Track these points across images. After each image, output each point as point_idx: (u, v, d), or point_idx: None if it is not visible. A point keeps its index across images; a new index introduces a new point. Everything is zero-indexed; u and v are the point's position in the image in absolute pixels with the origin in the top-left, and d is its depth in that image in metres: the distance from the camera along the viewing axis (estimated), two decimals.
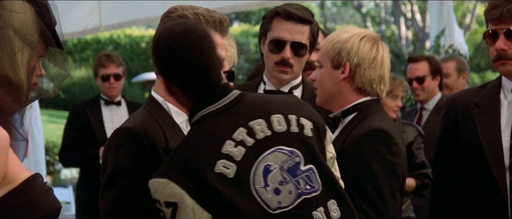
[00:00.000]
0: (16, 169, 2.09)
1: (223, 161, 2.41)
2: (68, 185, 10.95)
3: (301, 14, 3.66)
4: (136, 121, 2.68)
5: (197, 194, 2.38)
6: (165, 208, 2.42)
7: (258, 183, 2.42)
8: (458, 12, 21.34)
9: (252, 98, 2.56)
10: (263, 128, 2.47)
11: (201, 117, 2.51)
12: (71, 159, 6.41)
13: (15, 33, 2.12)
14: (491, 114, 3.32)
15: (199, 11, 2.72)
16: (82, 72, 21.99)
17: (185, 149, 2.46)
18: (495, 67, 3.36)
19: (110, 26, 7.08)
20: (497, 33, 3.30)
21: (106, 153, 2.64)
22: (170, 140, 2.65)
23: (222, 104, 2.51)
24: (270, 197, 2.42)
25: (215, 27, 2.73)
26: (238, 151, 2.42)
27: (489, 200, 3.26)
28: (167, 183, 2.40)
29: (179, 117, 2.75)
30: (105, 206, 2.61)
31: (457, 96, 3.52)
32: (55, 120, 18.56)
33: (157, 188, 2.42)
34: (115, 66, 6.34)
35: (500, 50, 3.28)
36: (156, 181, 2.43)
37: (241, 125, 2.46)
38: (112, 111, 6.37)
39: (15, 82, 2.12)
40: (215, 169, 2.40)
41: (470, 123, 3.33)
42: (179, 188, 2.39)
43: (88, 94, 17.22)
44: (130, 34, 23.46)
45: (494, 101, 3.34)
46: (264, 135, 2.46)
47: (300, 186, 2.46)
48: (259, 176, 2.43)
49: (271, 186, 2.43)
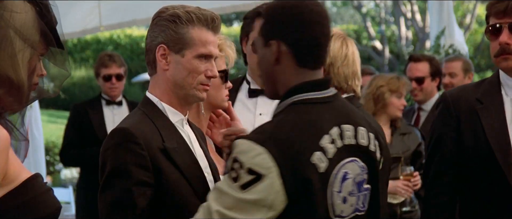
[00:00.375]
0: (17, 169, 2.09)
1: (319, 154, 2.37)
2: (68, 185, 10.94)
3: None
4: (132, 121, 2.69)
5: (288, 177, 2.32)
6: (245, 173, 2.32)
7: (335, 186, 2.41)
8: (458, 12, 21.32)
9: (343, 102, 2.56)
10: (351, 135, 2.46)
11: (303, 100, 2.45)
12: (72, 159, 6.41)
13: (16, 33, 2.12)
14: (496, 110, 3.27)
15: (190, 9, 2.74)
16: (82, 72, 21.99)
17: (287, 127, 2.39)
18: (497, 63, 3.30)
19: (110, 26, 7.08)
20: (501, 27, 3.26)
21: (103, 153, 2.64)
22: (166, 140, 2.66)
23: (325, 96, 2.47)
24: (338, 203, 2.42)
25: (207, 25, 2.75)
26: (331, 149, 2.40)
27: (498, 196, 3.21)
28: (262, 152, 2.32)
29: (175, 116, 2.76)
30: (104, 207, 2.61)
31: (456, 92, 3.46)
32: (55, 120, 18.56)
33: (246, 151, 2.34)
34: (117, 66, 6.36)
35: (504, 44, 3.23)
36: (250, 144, 2.34)
37: (336, 124, 2.44)
38: (113, 111, 6.37)
39: (16, 82, 2.12)
40: (311, 159, 2.36)
41: (474, 119, 3.28)
42: (273, 163, 2.31)
43: (88, 94, 17.22)
44: (130, 34, 23.46)
45: (496, 98, 3.30)
46: (349, 142, 2.46)
47: (359, 202, 2.49)
48: (338, 180, 2.41)
49: (342, 193, 2.43)
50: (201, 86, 2.75)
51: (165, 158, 2.63)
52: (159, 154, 2.62)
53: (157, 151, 2.62)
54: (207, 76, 2.75)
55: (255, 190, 2.31)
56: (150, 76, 2.80)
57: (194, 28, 2.73)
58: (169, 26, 2.72)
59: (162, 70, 2.74)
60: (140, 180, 2.58)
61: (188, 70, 2.72)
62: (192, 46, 2.72)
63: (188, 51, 2.72)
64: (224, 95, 3.17)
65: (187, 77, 2.73)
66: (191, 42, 2.72)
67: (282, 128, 2.38)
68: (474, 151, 3.26)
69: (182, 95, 2.75)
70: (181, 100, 2.77)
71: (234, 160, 2.34)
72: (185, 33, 2.72)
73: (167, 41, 2.72)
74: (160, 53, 2.73)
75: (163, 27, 2.73)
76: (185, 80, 2.73)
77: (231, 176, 2.34)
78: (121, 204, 2.57)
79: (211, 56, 2.76)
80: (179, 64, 2.72)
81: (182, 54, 2.72)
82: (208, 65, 2.75)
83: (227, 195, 2.34)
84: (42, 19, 2.19)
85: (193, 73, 2.73)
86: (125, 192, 2.57)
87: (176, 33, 2.71)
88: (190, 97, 2.76)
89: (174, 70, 2.73)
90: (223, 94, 3.17)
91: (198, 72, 2.73)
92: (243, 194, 2.32)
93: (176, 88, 2.74)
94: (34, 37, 2.16)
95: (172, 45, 2.72)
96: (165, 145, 2.65)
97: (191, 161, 2.70)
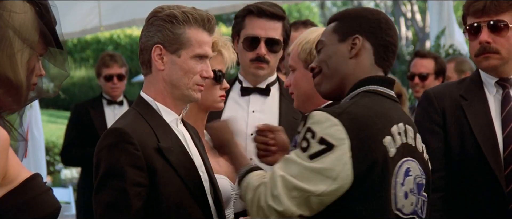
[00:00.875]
0: (16, 169, 2.09)
1: (390, 139, 2.44)
2: (68, 185, 10.96)
3: (274, 10, 3.73)
4: (126, 122, 2.68)
5: (359, 153, 2.37)
6: (316, 142, 2.38)
7: (399, 177, 2.46)
8: (458, 12, 21.29)
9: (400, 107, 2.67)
10: (410, 136, 2.54)
11: (375, 91, 2.56)
12: (73, 158, 6.42)
13: (15, 34, 2.12)
14: (480, 106, 3.28)
15: (186, 10, 2.74)
16: (82, 72, 22.00)
17: (363, 108, 2.46)
18: (478, 62, 3.31)
19: (109, 26, 7.09)
20: (480, 26, 3.26)
21: (97, 154, 2.64)
22: (161, 139, 2.66)
23: (392, 94, 2.61)
24: (400, 196, 2.46)
25: (203, 25, 2.75)
26: (398, 140, 2.47)
27: (486, 191, 3.20)
28: (337, 124, 2.38)
29: (169, 116, 2.76)
30: (99, 207, 2.61)
31: (439, 88, 3.47)
32: (55, 120, 18.56)
33: (321, 121, 2.40)
34: (118, 66, 6.38)
35: (485, 43, 3.24)
36: (326, 115, 2.41)
37: (400, 121, 2.52)
38: (114, 111, 6.39)
39: (14, 82, 2.12)
40: (383, 141, 2.42)
41: (460, 114, 3.28)
42: (346, 135, 2.37)
43: (88, 94, 17.23)
44: (130, 34, 23.45)
45: (480, 94, 3.31)
46: (409, 142, 2.52)
47: (418, 205, 2.53)
48: (402, 172, 2.47)
49: (405, 187, 2.48)
50: (197, 86, 2.75)
51: (160, 157, 2.63)
52: (154, 154, 2.62)
53: (152, 150, 2.62)
54: (202, 76, 2.75)
55: (323, 159, 2.37)
56: (144, 76, 2.79)
57: (191, 28, 2.72)
58: (165, 26, 2.71)
59: (158, 70, 2.73)
60: (135, 180, 2.57)
61: (184, 71, 2.72)
62: (189, 46, 2.72)
63: (184, 52, 2.72)
64: (217, 96, 3.17)
65: (183, 77, 2.72)
66: (188, 42, 2.71)
67: (357, 107, 2.46)
68: (461, 147, 3.25)
69: (177, 95, 2.75)
70: (175, 101, 2.76)
71: (307, 130, 2.41)
72: (181, 34, 2.71)
73: (163, 41, 2.71)
74: (156, 53, 2.72)
75: (159, 27, 2.72)
76: (181, 80, 2.72)
77: (302, 146, 2.41)
78: (115, 205, 2.57)
79: (207, 56, 2.76)
80: (175, 65, 2.72)
81: (178, 55, 2.72)
82: (204, 66, 2.75)
83: (294, 163, 2.40)
84: (41, 19, 2.19)
85: (189, 74, 2.72)
86: (120, 192, 2.56)
87: (172, 34, 2.71)
88: (185, 98, 2.76)
89: (169, 71, 2.72)
90: (216, 95, 3.17)
91: (194, 72, 2.73)
92: (310, 163, 2.37)
93: (172, 89, 2.74)
94: (33, 37, 2.16)
95: (168, 45, 2.71)
96: (160, 144, 2.64)
97: (186, 160, 2.70)
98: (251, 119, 3.69)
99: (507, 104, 3.28)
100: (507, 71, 3.30)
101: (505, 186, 3.17)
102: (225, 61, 3.20)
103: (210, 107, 3.20)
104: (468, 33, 3.32)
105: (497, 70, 3.29)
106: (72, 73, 21.41)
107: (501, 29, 3.25)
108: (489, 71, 3.31)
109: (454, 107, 3.30)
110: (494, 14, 3.24)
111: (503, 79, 3.30)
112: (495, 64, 3.27)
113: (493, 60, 3.26)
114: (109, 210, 2.57)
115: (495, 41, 3.24)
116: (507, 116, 3.25)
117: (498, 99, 3.30)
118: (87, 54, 23.17)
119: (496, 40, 3.24)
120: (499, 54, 3.25)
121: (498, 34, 3.25)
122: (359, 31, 2.62)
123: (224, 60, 3.20)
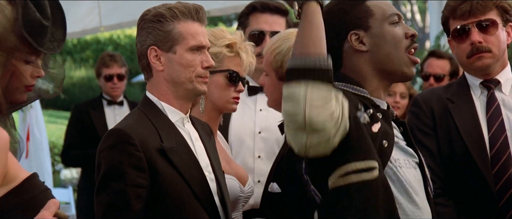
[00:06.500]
0: (16, 169, 2.09)
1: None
2: (68, 185, 10.95)
3: (277, 4, 3.77)
4: (128, 122, 2.68)
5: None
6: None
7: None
8: None
9: None
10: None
11: None
12: (74, 159, 6.43)
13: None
14: (467, 109, 3.32)
15: (171, 5, 2.74)
16: (82, 73, 21.99)
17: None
18: (470, 64, 3.33)
19: (110, 26, 7.09)
20: (468, 28, 3.29)
21: (98, 155, 2.64)
22: (165, 139, 2.65)
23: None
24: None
25: (191, 16, 2.74)
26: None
27: (477, 192, 3.23)
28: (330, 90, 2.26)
29: (175, 115, 2.75)
30: (99, 209, 2.61)
31: (426, 93, 3.51)
32: (55, 120, 18.55)
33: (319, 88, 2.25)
34: (118, 66, 6.39)
35: (477, 43, 3.27)
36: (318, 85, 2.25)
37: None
38: (115, 111, 6.40)
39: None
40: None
41: (447, 117, 3.31)
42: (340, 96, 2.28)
43: (88, 95, 17.23)
44: (130, 35, 23.44)
45: (466, 97, 3.35)
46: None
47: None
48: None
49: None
50: (200, 79, 2.74)
51: (162, 158, 2.62)
52: (156, 155, 2.61)
53: (154, 151, 2.61)
54: (203, 67, 2.74)
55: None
56: (147, 80, 2.79)
57: (180, 22, 2.72)
58: (155, 27, 2.71)
59: (158, 72, 2.74)
60: (135, 182, 2.57)
61: (183, 66, 2.72)
62: (182, 40, 2.71)
63: (179, 47, 2.71)
64: (230, 97, 3.14)
65: (183, 72, 2.72)
66: (180, 37, 2.71)
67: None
68: (450, 149, 3.28)
69: (181, 94, 2.75)
70: (181, 99, 2.76)
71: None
72: (172, 30, 2.71)
73: (156, 42, 2.71)
74: (152, 55, 2.72)
75: (149, 29, 2.72)
76: (181, 76, 2.72)
77: None
78: (116, 206, 2.57)
79: (203, 46, 2.75)
80: (173, 62, 2.72)
81: (173, 51, 2.72)
82: (202, 56, 2.75)
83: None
84: (25, 21, 2.10)
85: (188, 68, 2.72)
86: (120, 194, 2.56)
87: (163, 32, 2.71)
88: (190, 92, 2.75)
89: (169, 69, 2.72)
90: (229, 96, 3.14)
91: (194, 65, 2.73)
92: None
93: (175, 87, 2.74)
94: (8, 42, 2.08)
95: (162, 45, 2.71)
96: (163, 145, 2.63)
97: (190, 161, 2.69)
98: (258, 117, 3.68)
99: (492, 105, 3.32)
100: (496, 71, 3.35)
101: (494, 185, 3.20)
102: (242, 63, 3.17)
103: (223, 109, 3.18)
104: (455, 37, 3.34)
105: (488, 70, 3.33)
106: (72, 74, 21.41)
107: (490, 28, 3.29)
108: (480, 72, 3.34)
109: (441, 110, 3.34)
110: (481, 14, 3.29)
111: (488, 81, 3.34)
112: (488, 63, 3.30)
113: (487, 59, 3.30)
114: (110, 211, 2.57)
115: (486, 40, 3.29)
116: (492, 116, 3.29)
117: (483, 100, 3.34)
118: (87, 55, 23.17)
119: (486, 39, 3.29)
120: (491, 53, 3.30)
121: (487, 33, 3.29)
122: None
123: (241, 62, 3.17)
